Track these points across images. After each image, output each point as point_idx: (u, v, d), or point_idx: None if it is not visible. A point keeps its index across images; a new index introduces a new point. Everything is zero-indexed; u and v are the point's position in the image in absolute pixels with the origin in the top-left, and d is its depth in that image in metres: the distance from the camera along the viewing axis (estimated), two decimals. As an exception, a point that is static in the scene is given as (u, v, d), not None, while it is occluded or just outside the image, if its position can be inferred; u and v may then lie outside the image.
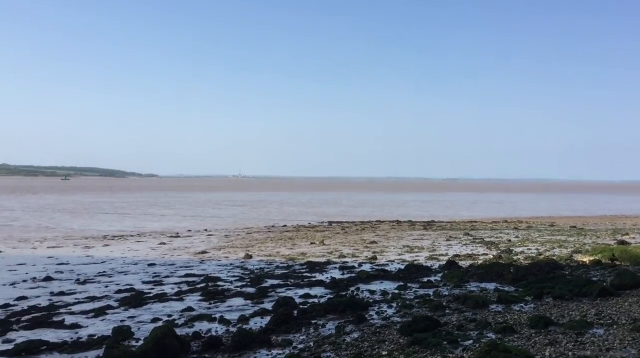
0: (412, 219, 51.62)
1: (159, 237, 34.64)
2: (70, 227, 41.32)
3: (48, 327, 12.82)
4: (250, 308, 14.81)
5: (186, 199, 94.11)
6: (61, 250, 28.28)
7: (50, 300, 16.00)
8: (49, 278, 19.58)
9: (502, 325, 11.54)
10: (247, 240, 33.10)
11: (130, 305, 15.21)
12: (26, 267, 22.52)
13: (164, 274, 20.81)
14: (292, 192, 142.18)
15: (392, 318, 13.10)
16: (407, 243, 31.28)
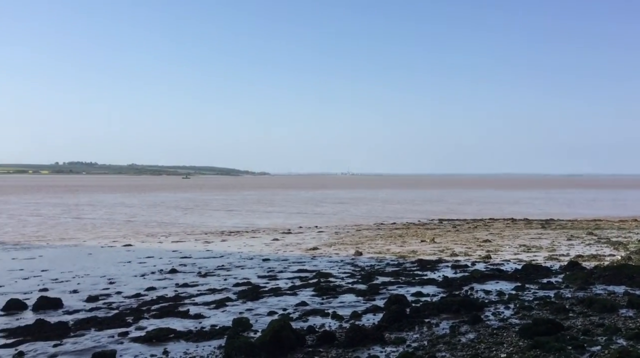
0: (528, 217, 49.24)
1: (272, 233, 35.84)
2: (186, 223, 43.92)
3: (175, 316, 13.72)
4: (362, 304, 14.90)
5: (289, 197, 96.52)
6: (184, 244, 30.14)
7: (176, 291, 17.11)
8: (174, 271, 20.94)
9: (634, 331, 10.70)
10: (357, 237, 33.30)
11: (247, 298, 15.88)
12: (154, 259, 24.25)
13: (278, 269, 21.50)
14: (395, 190, 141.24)
15: (510, 320, 12.58)
16: (523, 243, 29.90)
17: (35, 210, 59.26)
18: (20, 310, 14.63)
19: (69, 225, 42.02)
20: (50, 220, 46.43)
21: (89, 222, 45.04)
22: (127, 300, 15.97)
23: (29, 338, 11.75)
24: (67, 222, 44.28)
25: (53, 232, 36.66)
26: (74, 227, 39.91)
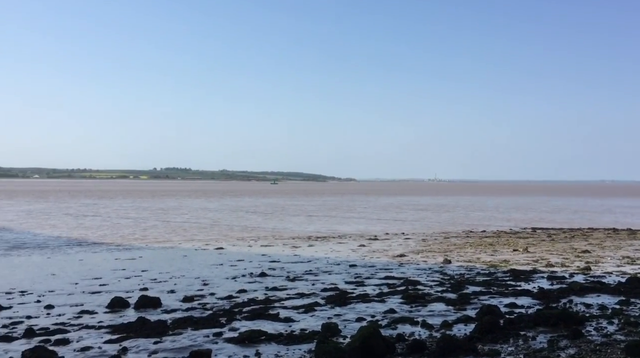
0: (631, 227, 46.08)
1: (358, 239, 35.84)
2: (267, 227, 44.83)
3: (265, 319, 14.05)
4: (452, 314, 14.55)
5: (369, 203, 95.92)
6: (272, 248, 30.80)
7: (266, 294, 17.51)
8: (264, 274, 21.44)
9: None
10: (445, 245, 32.60)
11: (335, 303, 15.96)
12: (244, 263, 24.96)
13: (365, 275, 21.45)
14: (477, 196, 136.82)
15: (615, 336, 11.82)
16: (627, 254, 28.00)
17: (125, 213, 62.80)
18: (123, 307, 15.53)
19: (160, 227, 44.17)
20: (140, 223, 49.06)
21: (178, 225, 47.14)
22: (220, 301, 16.53)
23: (132, 335, 12.44)
24: (156, 225, 46.57)
25: (148, 234, 38.67)
26: (166, 230, 41.88)
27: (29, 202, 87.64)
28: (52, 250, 29.29)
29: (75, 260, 25.58)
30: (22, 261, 25.35)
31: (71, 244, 32.14)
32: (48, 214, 58.87)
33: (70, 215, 57.57)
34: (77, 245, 31.63)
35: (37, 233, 38.12)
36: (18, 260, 25.79)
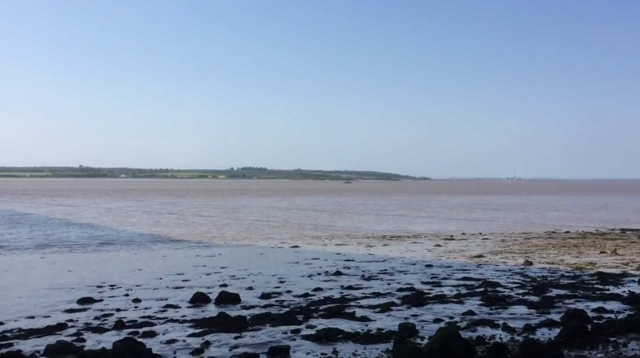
0: None
1: (433, 239, 35.28)
2: (336, 226, 44.89)
3: (342, 318, 14.11)
4: (535, 317, 14.03)
5: (440, 202, 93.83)
6: (347, 247, 30.89)
7: (342, 293, 17.58)
8: (339, 273, 21.54)
9: None
10: (526, 246, 31.46)
11: (412, 303, 15.79)
12: (319, 261, 25.19)
13: (442, 276, 21.09)
14: (556, 195, 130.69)
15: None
16: None
17: (198, 211, 64.87)
18: (205, 303, 16.08)
19: (233, 226, 45.27)
20: (213, 221, 50.50)
21: (249, 223, 48.19)
22: (296, 299, 16.77)
23: (213, 329, 12.87)
24: (229, 223, 47.81)
25: (225, 232, 39.76)
26: (241, 228, 42.89)
27: (111, 200, 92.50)
28: (138, 247, 30.77)
29: (159, 256, 26.76)
30: (111, 256, 26.80)
31: (155, 241, 33.63)
32: (127, 212, 61.85)
33: (147, 213, 60.25)
34: (161, 242, 33.05)
35: (121, 231, 40.16)
36: (108, 255, 27.29)
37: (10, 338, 12.18)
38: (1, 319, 14.00)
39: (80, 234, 37.17)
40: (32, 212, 60.69)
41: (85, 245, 31.06)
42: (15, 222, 47.09)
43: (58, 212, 60.48)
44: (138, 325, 13.38)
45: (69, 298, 16.71)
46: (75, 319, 14.05)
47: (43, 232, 38.26)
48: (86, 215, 56.99)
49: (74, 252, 28.30)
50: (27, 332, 12.68)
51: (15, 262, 24.63)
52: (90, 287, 18.52)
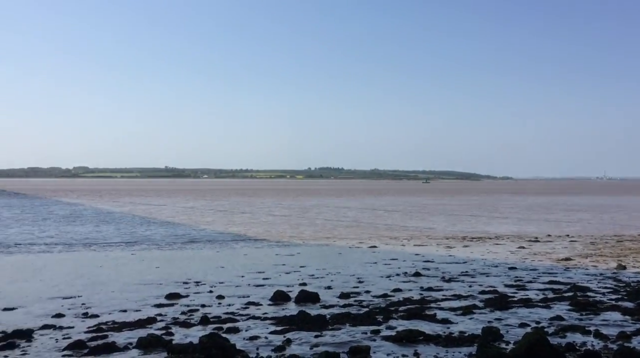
0: None
1: (516, 241, 34.06)
2: (408, 226, 44.14)
3: (422, 319, 13.91)
4: (630, 325, 13.23)
5: (516, 202, 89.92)
6: (426, 248, 30.42)
7: (421, 295, 17.34)
8: (418, 274, 21.26)
9: None
10: (618, 249, 29.71)
11: (495, 307, 15.33)
12: (398, 262, 24.96)
13: (527, 279, 20.32)
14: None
15: None
16: None
17: (269, 211, 65.87)
18: (285, 301, 16.35)
19: (306, 225, 45.62)
20: (287, 220, 51.11)
21: (322, 223, 48.47)
22: (375, 299, 16.71)
23: (294, 327, 13.06)
24: (301, 223, 48.27)
25: (302, 231, 40.22)
26: (316, 228, 43.18)
27: (189, 200, 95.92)
28: (220, 245, 31.76)
29: (240, 255, 27.49)
30: (196, 254, 27.82)
31: (236, 240, 34.57)
32: (202, 211, 63.89)
33: (221, 213, 61.96)
34: (242, 241, 33.94)
35: (201, 229, 41.55)
36: (192, 253, 28.35)
37: (105, 331, 12.92)
38: (97, 312, 14.89)
39: (163, 232, 38.81)
40: (117, 210, 64.07)
41: (172, 243, 32.41)
42: (101, 220, 49.86)
43: (140, 211, 63.51)
44: (222, 321, 13.80)
45: (158, 293, 17.50)
46: (164, 314, 14.70)
47: (129, 230, 40.30)
48: (165, 213, 59.48)
49: (161, 249, 29.61)
50: (120, 325, 13.40)
51: (109, 258, 26.10)
52: (177, 283, 19.31)
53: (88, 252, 28.48)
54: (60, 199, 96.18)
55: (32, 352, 11.31)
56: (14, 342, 11.82)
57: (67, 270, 22.52)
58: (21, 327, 12.96)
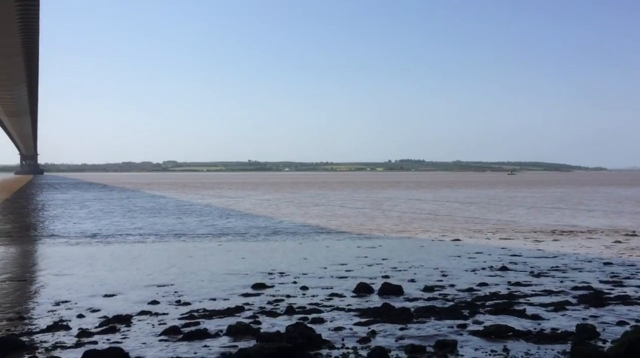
0: None
1: (611, 235, 32.21)
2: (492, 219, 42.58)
3: (510, 315, 13.49)
4: None
5: (605, 195, 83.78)
6: (512, 242, 29.42)
7: (509, 289, 16.80)
8: (505, 268, 20.61)
9: None
10: None
11: (589, 303, 14.61)
12: (483, 255, 24.31)
13: (624, 275, 19.19)
14: None
15: None
16: None
17: (343, 203, 65.81)
18: (368, 293, 16.38)
19: (382, 218, 45.15)
20: (362, 213, 50.83)
21: (398, 215, 47.94)
22: (460, 293, 16.38)
23: (378, 319, 13.06)
24: (377, 215, 47.93)
25: (381, 224, 39.97)
26: (395, 221, 42.70)
27: (266, 192, 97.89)
28: (302, 237, 32.25)
29: (322, 247, 27.79)
30: (279, 246, 28.42)
31: (318, 232, 34.96)
32: (278, 203, 64.92)
33: (296, 205, 62.73)
34: (323, 233, 34.28)
35: (281, 221, 42.28)
36: (276, 244, 28.98)
37: (197, 318, 13.50)
38: (189, 300, 15.58)
39: (243, 224, 39.82)
40: (197, 203, 66.49)
41: (256, 235, 33.27)
42: (183, 212, 51.87)
43: (219, 203, 65.73)
44: (307, 311, 14.04)
45: (244, 283, 18.05)
46: (251, 303, 15.15)
47: (210, 222, 41.69)
48: (243, 206, 61.10)
49: (246, 241, 30.49)
50: (211, 313, 13.95)
51: (197, 249, 27.20)
52: (262, 274, 19.83)
53: (178, 243, 29.82)
54: (145, 192, 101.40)
55: (131, 336, 12.02)
56: (115, 327, 12.61)
57: (160, 259, 23.71)
58: (121, 313, 13.81)
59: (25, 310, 14.69)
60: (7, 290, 17.67)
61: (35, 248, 28.59)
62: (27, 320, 13.56)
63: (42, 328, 12.62)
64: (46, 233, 35.02)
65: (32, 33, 65.96)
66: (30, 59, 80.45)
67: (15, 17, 56.25)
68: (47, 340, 11.64)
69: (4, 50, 68.94)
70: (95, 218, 44.81)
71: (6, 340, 11.18)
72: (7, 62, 75.64)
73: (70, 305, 15.00)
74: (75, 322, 13.11)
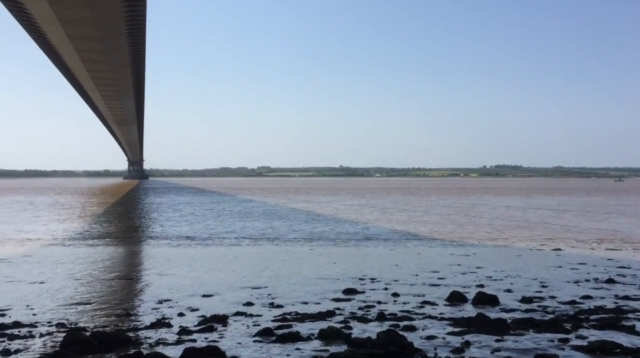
0: None
1: None
2: (591, 228, 39.88)
3: (618, 330, 12.62)
4: None
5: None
6: (620, 253, 27.52)
7: (616, 303, 15.72)
8: (612, 281, 19.31)
9: None
10: None
11: None
12: (587, 266, 22.92)
13: None
14: None
15: None
16: None
17: (428, 209, 64.56)
18: (462, 302, 15.94)
19: (471, 225, 43.60)
20: (447, 219, 49.27)
21: (487, 222, 46.25)
22: (562, 305, 15.53)
23: (472, 329, 12.66)
24: (464, 222, 46.58)
25: (473, 232, 38.70)
26: (487, 228, 41.12)
27: (350, 198, 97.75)
28: (393, 243, 31.98)
29: (414, 253, 27.41)
30: (370, 251, 28.36)
31: (408, 238, 34.52)
32: (360, 209, 64.47)
33: (379, 210, 62.16)
34: (415, 240, 33.80)
35: (368, 226, 42.08)
36: (367, 250, 28.95)
37: (290, 320, 13.76)
38: (281, 302, 15.91)
39: (330, 230, 40.03)
40: (284, 207, 67.64)
41: (347, 240, 33.40)
42: (270, 216, 52.91)
43: (306, 207, 66.79)
44: (398, 318, 13.89)
45: (335, 288, 18.17)
46: (342, 308, 15.22)
47: (297, 226, 42.25)
48: (328, 211, 61.75)
49: (337, 246, 30.69)
50: (303, 316, 14.16)
51: (289, 253, 27.74)
52: (353, 279, 19.87)
53: (271, 246, 30.57)
54: (235, 196, 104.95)
55: (227, 336, 12.46)
56: (212, 326, 13.13)
57: (254, 262, 24.42)
58: (218, 313, 14.37)
59: (132, 307, 15.66)
60: (115, 288, 18.94)
61: (140, 248, 30.43)
62: (133, 316, 14.44)
63: (147, 325, 13.38)
64: (148, 235, 37.19)
65: (139, 46, 70.27)
66: (138, 71, 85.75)
67: (124, 31, 60.19)
68: (151, 337, 12.33)
69: (115, 64, 73.99)
70: (188, 222, 46.85)
71: (115, 335, 11.97)
72: (118, 74, 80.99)
73: (171, 304, 15.80)
74: (176, 320, 13.78)
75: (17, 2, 50.09)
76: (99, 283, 19.69)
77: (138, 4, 53.64)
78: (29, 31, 61.83)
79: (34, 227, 42.57)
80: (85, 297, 17.03)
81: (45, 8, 49.31)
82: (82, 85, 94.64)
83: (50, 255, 26.43)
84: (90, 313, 14.89)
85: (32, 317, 14.25)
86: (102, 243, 31.78)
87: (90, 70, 75.77)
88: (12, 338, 12.11)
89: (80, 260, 25.18)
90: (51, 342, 11.86)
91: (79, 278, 20.31)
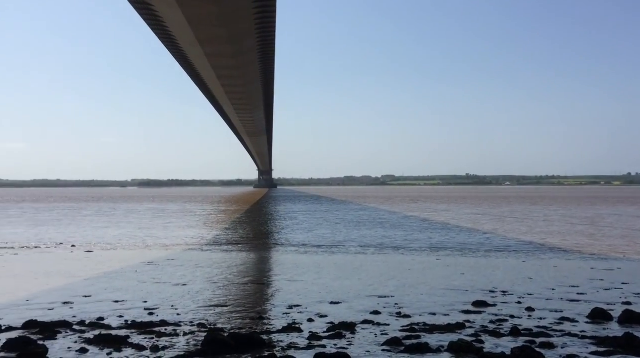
0: None
1: None
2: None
3: None
4: None
5: None
6: None
7: None
8: None
9: None
10: None
11: None
12: None
13: None
14: None
15: None
16: None
17: (545, 218, 60.25)
18: (606, 320, 14.76)
19: (607, 238, 39.95)
20: (576, 230, 45.30)
21: (623, 234, 42.18)
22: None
23: (619, 350, 11.69)
24: (594, 233, 43.17)
25: (616, 245, 35.53)
26: (624, 240, 37.53)
27: (468, 206, 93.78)
28: (525, 254, 30.38)
29: (549, 266, 25.83)
30: (501, 263, 27.17)
31: (542, 250, 32.60)
32: (476, 218, 61.40)
33: (496, 219, 58.89)
34: (549, 252, 31.85)
35: (489, 237, 40.15)
36: (497, 261, 27.78)
37: (418, 331, 13.59)
38: (409, 312, 15.76)
39: (449, 239, 38.80)
40: (394, 215, 66.56)
41: (475, 251, 32.30)
42: (383, 225, 52.39)
43: (421, 216, 65.31)
44: (534, 334, 13.17)
45: (464, 299, 17.64)
46: (472, 320, 14.74)
47: (414, 236, 41.37)
48: (440, 219, 60.42)
49: (465, 256, 29.77)
50: (431, 327, 13.92)
51: (415, 262, 27.39)
52: (482, 291, 19.17)
53: (397, 255, 30.40)
54: (351, 204, 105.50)
55: (356, 343, 12.59)
56: (341, 333, 13.34)
57: (380, 271, 24.44)
58: (346, 320, 14.57)
59: (264, 311, 16.38)
60: (249, 292, 19.93)
61: (270, 254, 31.75)
62: (265, 320, 15.10)
63: (279, 328, 13.92)
64: (275, 241, 38.66)
65: (268, 61, 73.51)
66: (267, 84, 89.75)
67: (256, 47, 63.24)
68: (283, 340, 12.81)
69: (246, 79, 77.99)
70: (307, 230, 47.84)
71: (250, 337, 12.59)
72: (249, 88, 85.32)
73: (301, 310, 16.29)
74: (306, 325, 14.19)
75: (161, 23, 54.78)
76: (234, 286, 20.85)
77: (268, 19, 56.07)
78: (172, 53, 67.43)
79: (177, 233, 46.09)
80: (222, 300, 18.11)
81: (185, 30, 53.45)
82: (217, 100, 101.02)
83: (190, 259, 28.43)
84: (227, 315, 15.80)
85: (176, 316, 15.44)
86: (236, 249, 33.59)
87: (225, 85, 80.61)
88: (160, 336, 13.21)
89: (217, 264, 26.82)
90: (193, 341, 12.76)
91: (216, 282, 21.64)
